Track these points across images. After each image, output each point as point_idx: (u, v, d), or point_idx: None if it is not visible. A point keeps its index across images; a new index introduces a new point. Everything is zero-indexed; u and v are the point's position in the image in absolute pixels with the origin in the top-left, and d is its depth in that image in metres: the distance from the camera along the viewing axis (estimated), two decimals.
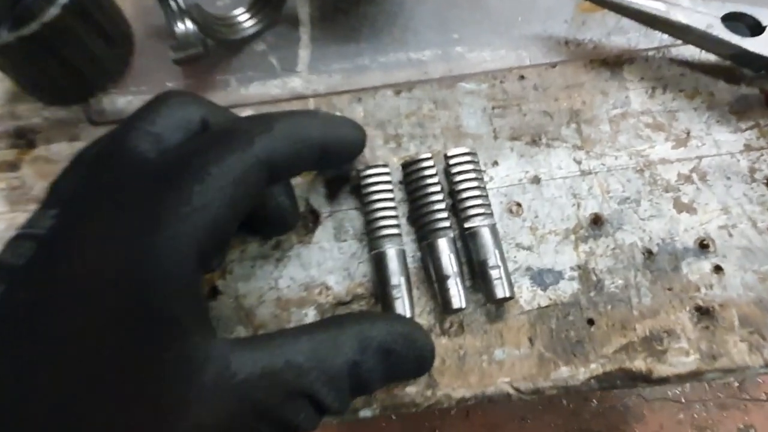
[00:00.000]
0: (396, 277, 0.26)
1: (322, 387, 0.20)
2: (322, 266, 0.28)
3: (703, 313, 0.26)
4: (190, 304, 0.19)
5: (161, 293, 0.18)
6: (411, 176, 0.29)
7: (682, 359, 0.25)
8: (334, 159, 0.26)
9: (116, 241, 0.18)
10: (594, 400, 1.14)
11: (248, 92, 0.33)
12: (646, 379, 0.25)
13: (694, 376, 0.25)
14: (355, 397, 0.22)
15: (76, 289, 0.17)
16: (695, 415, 1.11)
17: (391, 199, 0.28)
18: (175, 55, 0.29)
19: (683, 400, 1.14)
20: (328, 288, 0.28)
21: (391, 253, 0.27)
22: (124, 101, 0.33)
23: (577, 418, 1.14)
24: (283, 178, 0.24)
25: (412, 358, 0.23)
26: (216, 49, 0.33)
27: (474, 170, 0.28)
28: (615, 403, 1.15)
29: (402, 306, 0.26)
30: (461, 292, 0.26)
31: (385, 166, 0.29)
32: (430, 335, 0.23)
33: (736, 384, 1.13)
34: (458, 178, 0.28)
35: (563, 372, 0.26)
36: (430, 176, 0.28)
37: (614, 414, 1.14)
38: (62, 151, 0.32)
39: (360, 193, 0.29)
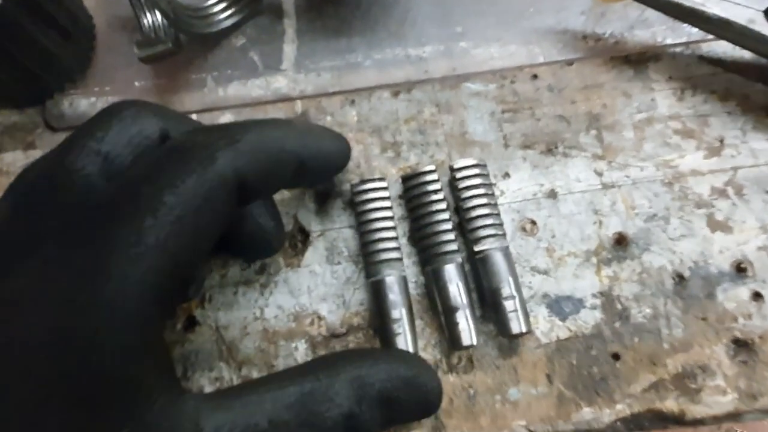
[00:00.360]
0: (397, 310, 0.23)
1: None
2: (313, 293, 0.25)
3: (741, 346, 0.24)
4: (148, 360, 0.16)
5: (110, 354, 0.15)
6: (412, 191, 0.26)
7: (718, 399, 0.23)
8: (313, 174, 0.23)
9: (52, 295, 0.15)
10: None
11: (227, 93, 0.29)
12: (678, 420, 0.23)
13: (732, 417, 0.23)
14: None
15: (1, 361, 0.15)
16: None
17: (390, 218, 0.25)
18: (142, 53, 0.26)
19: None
20: (320, 318, 0.25)
21: (390, 281, 0.24)
22: (87, 103, 0.30)
23: None
24: (257, 197, 0.21)
25: (417, 403, 0.20)
26: (190, 44, 0.29)
27: (484, 185, 0.25)
28: None
29: (404, 342, 0.23)
30: (472, 326, 0.23)
31: (382, 179, 0.26)
32: (437, 374, 0.20)
33: None
34: (466, 194, 0.25)
35: (586, 413, 0.23)
36: (434, 192, 0.25)
37: None
38: (17, 161, 0.29)
39: (355, 209, 0.26)
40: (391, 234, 0.25)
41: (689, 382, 0.23)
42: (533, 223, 0.26)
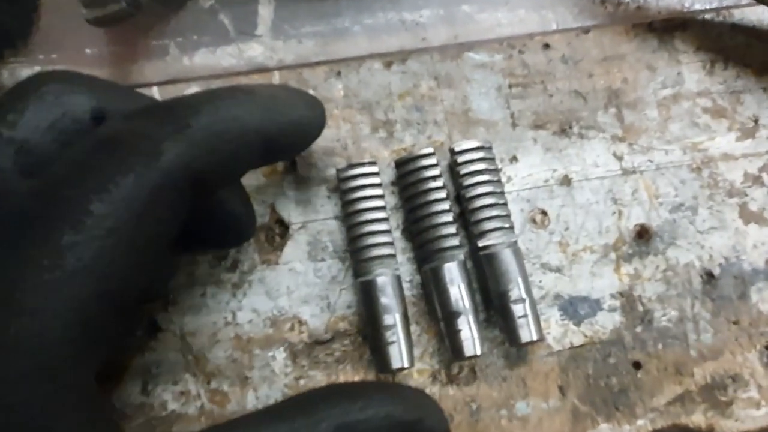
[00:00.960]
0: (390, 316, 0.21)
1: None
2: (293, 294, 0.23)
3: None
4: (72, 415, 0.13)
5: (26, 412, 0.12)
6: (407, 177, 0.23)
7: (751, 412, 0.21)
8: (281, 151, 0.20)
9: None
10: None
11: (193, 63, 0.26)
12: None
13: None
14: None
15: None
16: None
17: (382, 208, 0.23)
18: (90, 13, 0.23)
19: None
20: (301, 322, 0.23)
21: (382, 281, 0.21)
22: (30, 73, 0.26)
23: None
24: (217, 187, 0.18)
25: None
26: (150, 4, 0.26)
27: (489, 170, 0.23)
28: None
29: (398, 353, 0.21)
30: (475, 334, 0.21)
31: (373, 163, 0.23)
32: (444, 416, 0.18)
33: None
34: (469, 180, 0.22)
35: (603, 430, 0.21)
36: (433, 178, 0.23)
37: None
38: None
39: (341, 197, 0.23)
40: (382, 227, 0.22)
41: (719, 393, 0.21)
42: (544, 213, 0.23)
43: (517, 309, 0.21)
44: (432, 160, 0.23)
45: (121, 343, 0.21)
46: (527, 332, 0.21)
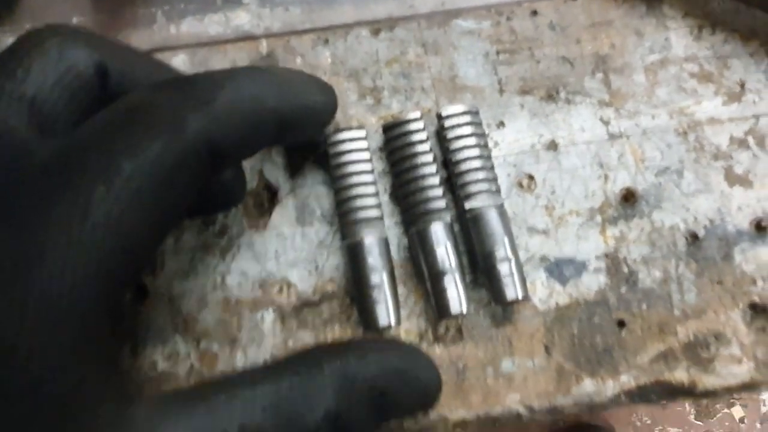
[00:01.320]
0: (377, 276, 0.21)
1: None
2: (281, 258, 0.23)
3: (759, 311, 0.22)
4: (89, 367, 0.14)
5: (39, 362, 0.13)
6: (394, 142, 0.23)
7: (732, 369, 0.22)
8: (294, 132, 0.20)
9: None
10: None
11: (179, 31, 0.26)
12: (688, 393, 0.22)
13: (747, 388, 0.22)
14: None
15: None
16: None
17: (369, 172, 0.23)
18: None
19: None
20: (289, 285, 0.23)
21: (369, 242, 0.22)
22: None
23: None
24: (230, 164, 0.18)
25: (413, 399, 0.19)
26: None
27: (476, 134, 0.23)
28: None
29: (385, 312, 0.21)
30: (461, 292, 0.21)
31: (360, 128, 0.23)
32: (434, 364, 0.19)
33: None
34: (455, 144, 0.23)
35: (587, 387, 0.22)
36: (420, 142, 0.23)
37: None
38: None
39: (329, 163, 0.23)
40: (370, 190, 0.23)
41: (701, 351, 0.22)
42: (531, 178, 0.24)
43: (503, 268, 0.21)
44: (419, 125, 0.23)
45: (122, 312, 0.22)
46: (513, 290, 0.21)
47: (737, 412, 1.23)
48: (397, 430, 0.22)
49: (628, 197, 0.24)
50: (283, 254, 0.24)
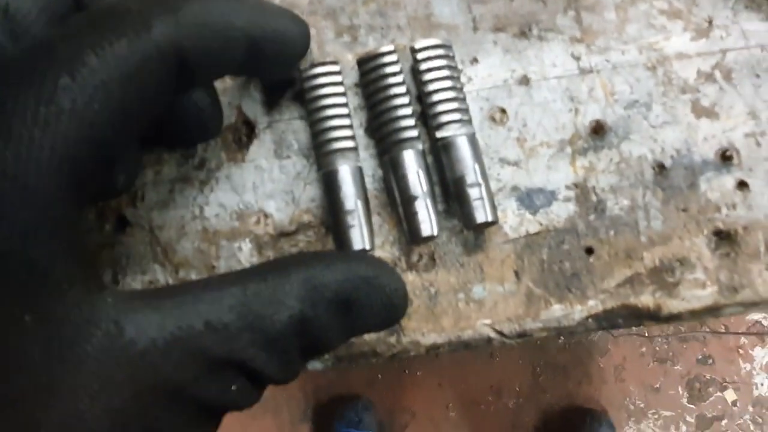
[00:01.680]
0: (351, 201, 0.22)
1: (259, 353, 0.16)
2: (258, 189, 0.24)
3: (724, 237, 0.23)
4: (55, 245, 0.14)
5: (8, 230, 0.13)
6: (369, 75, 0.24)
7: (697, 292, 0.22)
8: (265, 61, 0.21)
9: None
10: (561, 336, 1.21)
11: None
12: (653, 316, 0.22)
13: (711, 311, 0.22)
14: (308, 360, 0.18)
15: None
16: (657, 348, 1.21)
17: (344, 105, 0.24)
18: None
19: (646, 334, 1.22)
20: (266, 216, 0.24)
21: (344, 171, 0.22)
22: None
23: (543, 353, 1.23)
24: (199, 81, 0.19)
25: (379, 307, 0.19)
26: None
27: (448, 67, 0.24)
28: (581, 338, 1.22)
29: (359, 236, 0.22)
30: (432, 216, 0.22)
31: (335, 63, 0.24)
32: (400, 276, 0.19)
33: None
34: (428, 76, 0.23)
35: (555, 311, 0.22)
36: (393, 74, 0.24)
37: (580, 348, 1.23)
38: None
39: (305, 98, 0.24)
40: (345, 122, 0.23)
41: (667, 275, 0.23)
42: (503, 111, 0.25)
43: (473, 192, 0.22)
44: (393, 57, 0.24)
45: (91, 201, 0.22)
46: (482, 214, 0.22)
47: (730, 395, 1.24)
48: (370, 355, 0.23)
49: (598, 129, 0.24)
50: (261, 186, 0.24)
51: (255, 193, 0.24)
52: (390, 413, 1.23)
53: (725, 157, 0.24)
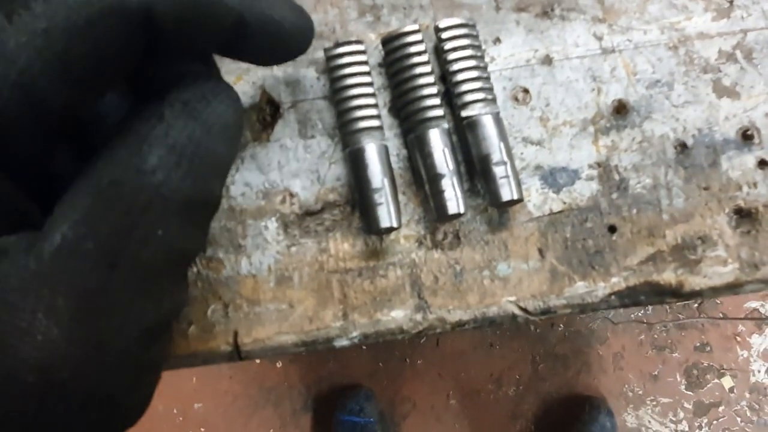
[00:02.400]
0: (378, 179, 0.22)
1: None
2: (284, 169, 0.24)
3: (744, 215, 0.23)
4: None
5: None
6: (393, 54, 0.24)
7: (718, 269, 0.23)
8: (255, 47, 0.19)
9: None
10: (560, 325, 1.23)
11: None
12: (675, 293, 0.23)
13: (732, 288, 0.23)
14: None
15: None
16: (655, 336, 1.22)
17: (369, 84, 0.24)
18: None
19: (645, 322, 1.23)
20: (292, 195, 0.24)
21: (370, 149, 0.23)
22: None
23: (543, 342, 1.24)
24: (177, 46, 0.18)
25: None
26: None
27: (472, 46, 0.24)
28: (580, 327, 1.23)
29: (386, 213, 0.22)
30: (459, 194, 0.22)
31: (359, 42, 0.24)
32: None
33: (696, 305, 1.23)
34: (453, 55, 0.24)
35: (579, 288, 0.23)
36: (418, 54, 0.24)
37: (579, 337, 1.24)
38: None
39: (329, 77, 0.24)
40: (370, 101, 0.24)
41: (689, 253, 0.23)
42: (526, 91, 0.25)
43: (499, 170, 0.22)
44: (417, 37, 0.24)
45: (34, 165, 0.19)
46: (508, 191, 0.22)
47: (727, 382, 1.26)
48: (396, 332, 0.23)
49: (620, 109, 0.24)
50: (286, 165, 0.24)
51: (280, 172, 0.24)
52: (391, 403, 1.24)
53: (746, 136, 0.24)
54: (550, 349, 1.24)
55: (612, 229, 0.23)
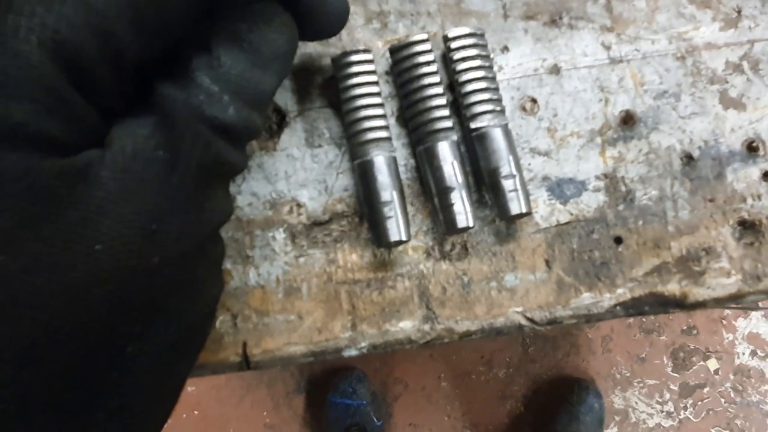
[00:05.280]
0: (387, 192, 0.22)
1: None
2: (291, 178, 0.24)
3: (748, 227, 0.23)
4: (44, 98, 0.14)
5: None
6: (401, 64, 0.24)
7: (721, 281, 0.23)
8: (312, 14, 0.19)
9: None
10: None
11: None
12: (679, 304, 0.23)
13: (735, 299, 0.23)
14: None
15: None
16: (644, 319, 1.24)
17: (377, 94, 0.24)
18: None
19: None
20: (299, 205, 0.24)
21: (379, 161, 0.23)
22: None
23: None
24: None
25: None
26: None
27: (481, 56, 0.23)
28: None
29: (395, 227, 0.22)
30: (468, 207, 0.22)
31: (367, 51, 0.24)
32: None
33: None
34: (462, 66, 0.23)
35: (585, 299, 0.23)
36: (426, 63, 0.23)
37: None
38: None
39: (337, 86, 0.24)
40: (378, 111, 0.23)
41: (693, 264, 0.23)
42: (534, 101, 0.25)
43: (508, 184, 0.22)
44: (426, 46, 0.24)
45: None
46: (517, 205, 0.22)
47: (712, 364, 1.29)
48: (404, 342, 0.23)
49: (627, 119, 0.24)
50: (293, 175, 0.24)
51: (287, 182, 0.24)
52: (383, 384, 1.25)
53: (751, 148, 0.24)
54: (540, 332, 1.27)
55: (618, 240, 0.24)
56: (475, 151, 0.23)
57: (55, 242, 0.14)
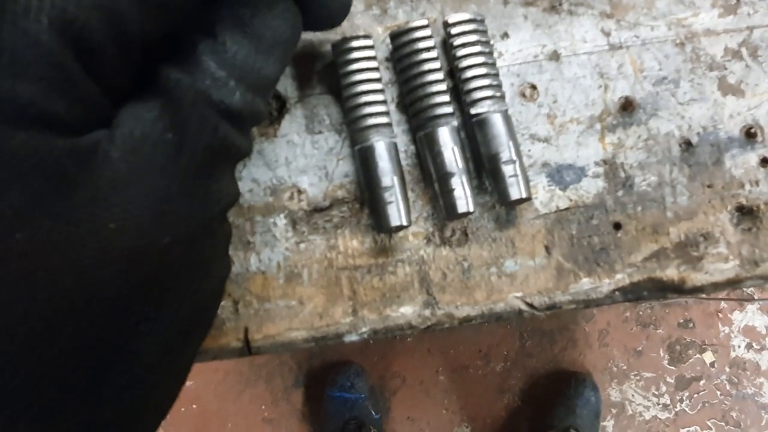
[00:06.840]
0: (388, 178, 0.22)
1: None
2: (291, 165, 0.24)
3: (746, 213, 0.24)
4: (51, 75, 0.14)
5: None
6: (402, 50, 0.24)
7: (719, 266, 0.23)
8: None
9: None
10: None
11: None
12: (677, 289, 0.23)
13: (732, 284, 0.23)
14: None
15: None
16: (640, 313, 1.25)
17: (377, 80, 0.24)
18: None
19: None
20: (300, 191, 0.24)
21: (380, 147, 0.23)
22: None
23: (530, 319, 1.26)
24: None
25: None
26: None
27: (481, 42, 0.23)
28: None
29: (396, 212, 0.22)
30: (468, 192, 0.22)
31: (367, 37, 0.24)
32: None
33: None
34: (462, 51, 0.23)
35: (584, 284, 0.23)
36: (427, 49, 0.23)
37: (566, 315, 1.26)
38: None
39: (337, 72, 0.24)
40: (379, 97, 0.23)
41: (691, 250, 0.23)
42: (533, 87, 0.25)
43: (508, 169, 0.22)
44: (426, 32, 0.24)
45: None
46: (517, 190, 0.22)
47: (708, 357, 1.29)
48: (405, 327, 0.24)
49: (627, 106, 0.25)
50: (294, 161, 0.24)
51: (288, 169, 0.24)
52: (381, 378, 1.26)
53: (750, 135, 0.24)
54: (537, 326, 1.27)
55: (617, 226, 0.24)
56: (475, 137, 0.23)
57: (68, 220, 0.14)
